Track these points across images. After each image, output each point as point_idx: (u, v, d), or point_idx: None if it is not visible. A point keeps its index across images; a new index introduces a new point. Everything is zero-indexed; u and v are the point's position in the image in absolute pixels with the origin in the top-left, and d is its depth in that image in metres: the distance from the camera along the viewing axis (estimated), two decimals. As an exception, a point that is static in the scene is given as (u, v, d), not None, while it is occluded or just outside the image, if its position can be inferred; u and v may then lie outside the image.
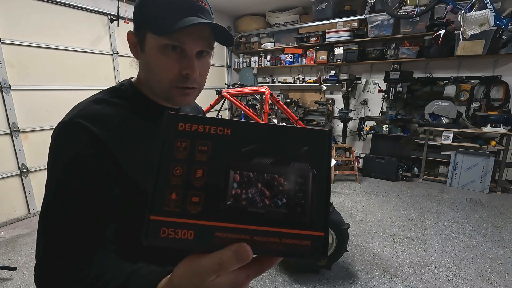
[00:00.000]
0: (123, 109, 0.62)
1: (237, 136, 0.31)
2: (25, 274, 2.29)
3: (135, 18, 0.62)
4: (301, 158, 0.32)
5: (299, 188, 0.31)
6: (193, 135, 0.31)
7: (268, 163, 0.32)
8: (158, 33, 0.57)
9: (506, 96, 3.90)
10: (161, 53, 0.58)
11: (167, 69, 0.59)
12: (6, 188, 3.07)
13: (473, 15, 2.49)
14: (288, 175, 0.31)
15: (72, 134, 0.56)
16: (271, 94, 2.59)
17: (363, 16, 4.46)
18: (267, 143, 0.32)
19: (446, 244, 2.64)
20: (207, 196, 0.30)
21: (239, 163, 0.31)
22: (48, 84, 3.26)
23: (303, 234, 0.31)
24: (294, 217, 0.31)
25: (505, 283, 2.12)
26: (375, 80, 4.71)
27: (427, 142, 4.15)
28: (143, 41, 0.61)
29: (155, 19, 0.57)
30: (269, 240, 0.30)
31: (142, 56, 0.63)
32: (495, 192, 3.84)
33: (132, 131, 0.61)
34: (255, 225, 0.30)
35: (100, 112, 0.59)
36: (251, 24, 5.76)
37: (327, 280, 2.17)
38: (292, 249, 0.30)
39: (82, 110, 0.58)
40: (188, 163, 0.30)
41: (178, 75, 0.60)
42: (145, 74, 0.65)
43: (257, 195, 0.31)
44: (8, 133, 3.00)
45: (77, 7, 3.42)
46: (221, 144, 0.31)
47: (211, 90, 5.59)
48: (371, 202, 3.64)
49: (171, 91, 0.62)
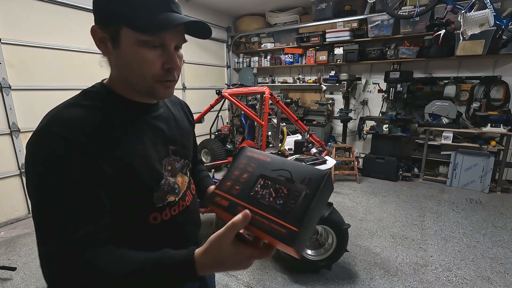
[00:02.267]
0: (97, 110, 0.60)
1: (272, 163, 0.59)
2: (25, 274, 2.29)
3: (100, 10, 0.58)
4: (303, 182, 0.53)
5: (293, 197, 0.51)
6: (250, 158, 0.61)
7: (281, 179, 0.55)
8: (139, 30, 0.55)
9: (506, 96, 3.90)
10: (140, 48, 0.56)
11: (150, 65, 0.58)
12: (6, 188, 3.07)
13: (473, 15, 2.49)
14: (290, 189, 0.53)
15: (47, 143, 0.54)
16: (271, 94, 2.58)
17: (363, 16, 4.46)
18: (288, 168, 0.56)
19: (446, 244, 2.64)
20: (243, 188, 0.56)
21: (265, 175, 0.57)
22: (48, 84, 3.26)
23: (283, 224, 0.48)
24: (283, 212, 0.50)
25: (505, 283, 2.12)
26: (375, 80, 4.71)
27: (427, 142, 4.15)
28: (117, 37, 0.57)
29: (130, 14, 0.54)
30: (263, 221, 0.50)
31: (116, 52, 0.59)
32: (495, 192, 3.84)
33: (109, 131, 0.59)
34: (259, 210, 0.52)
35: (73, 116, 0.57)
36: (251, 24, 5.76)
37: (327, 280, 2.17)
38: (274, 231, 0.48)
39: (54, 116, 0.57)
40: (242, 170, 0.59)
41: (160, 70, 0.59)
42: (122, 70, 0.62)
43: (268, 194, 0.54)
44: (8, 133, 3.00)
45: (77, 7, 3.42)
46: (262, 165, 0.59)
47: (211, 90, 5.60)
48: (371, 202, 3.64)
49: (154, 86, 0.61)
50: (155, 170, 0.65)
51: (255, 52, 6.01)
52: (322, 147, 3.04)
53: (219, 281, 2.18)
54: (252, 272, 2.27)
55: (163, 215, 0.67)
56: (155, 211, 0.65)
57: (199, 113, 2.79)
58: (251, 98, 5.10)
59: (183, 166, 0.75)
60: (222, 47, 6.01)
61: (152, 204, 0.65)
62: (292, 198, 0.51)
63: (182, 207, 0.72)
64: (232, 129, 5.38)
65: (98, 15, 0.59)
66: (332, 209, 2.12)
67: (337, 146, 4.58)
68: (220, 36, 5.84)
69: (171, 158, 0.71)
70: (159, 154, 0.68)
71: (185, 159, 0.76)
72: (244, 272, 2.28)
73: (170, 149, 0.71)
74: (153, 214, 0.65)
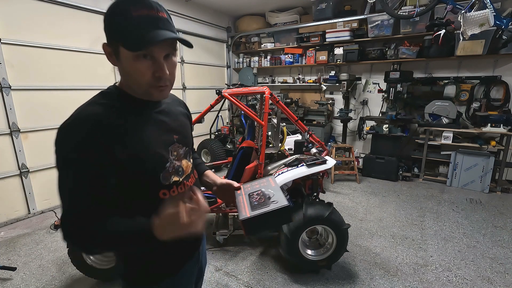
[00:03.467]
0: (111, 107, 0.75)
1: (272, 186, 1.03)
2: (25, 274, 2.29)
3: (106, 30, 0.72)
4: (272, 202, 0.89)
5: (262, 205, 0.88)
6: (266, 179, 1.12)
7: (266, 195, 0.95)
8: (130, 49, 0.68)
9: (506, 96, 3.90)
10: (134, 61, 0.70)
11: (142, 74, 0.72)
12: (6, 188, 3.07)
13: (473, 15, 2.49)
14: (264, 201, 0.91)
15: (72, 132, 0.69)
16: (271, 94, 2.58)
17: (363, 16, 4.47)
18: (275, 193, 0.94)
19: (446, 244, 2.64)
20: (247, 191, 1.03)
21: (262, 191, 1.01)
22: (48, 84, 3.26)
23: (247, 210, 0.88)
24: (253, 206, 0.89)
25: (505, 283, 2.12)
26: (375, 80, 4.71)
27: (427, 142, 4.15)
28: (117, 52, 0.71)
29: (125, 36, 0.68)
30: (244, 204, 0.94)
31: (119, 64, 0.73)
32: (495, 192, 3.84)
33: (121, 123, 0.73)
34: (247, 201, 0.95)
35: (93, 112, 0.72)
36: (251, 24, 5.76)
37: (327, 280, 2.17)
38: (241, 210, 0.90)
39: (79, 112, 0.72)
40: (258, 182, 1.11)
41: (152, 78, 0.73)
42: (125, 78, 0.77)
43: (256, 197, 0.95)
44: (8, 133, 3.00)
45: (77, 7, 3.42)
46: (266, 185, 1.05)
47: (211, 90, 5.60)
48: (371, 202, 3.64)
49: (149, 90, 0.75)
50: (159, 155, 0.80)
51: (255, 52, 6.01)
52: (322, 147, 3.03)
53: (219, 281, 2.18)
54: (252, 272, 2.27)
55: (171, 192, 0.82)
56: (164, 188, 0.81)
57: (199, 113, 2.79)
58: (251, 98, 5.10)
59: (186, 152, 0.90)
60: (222, 47, 6.01)
61: (160, 183, 0.80)
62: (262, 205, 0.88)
63: (186, 187, 0.87)
64: (232, 129, 5.38)
65: (106, 34, 0.72)
66: (332, 209, 2.12)
67: (337, 146, 4.58)
68: (220, 36, 5.84)
69: (175, 145, 0.85)
70: (165, 142, 0.83)
71: (187, 147, 0.91)
72: (244, 272, 2.28)
73: (175, 138, 0.86)
74: (162, 190, 0.81)
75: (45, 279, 2.23)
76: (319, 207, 2.13)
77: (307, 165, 2.19)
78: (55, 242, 2.75)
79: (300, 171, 2.16)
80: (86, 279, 2.17)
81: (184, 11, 4.84)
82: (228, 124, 5.88)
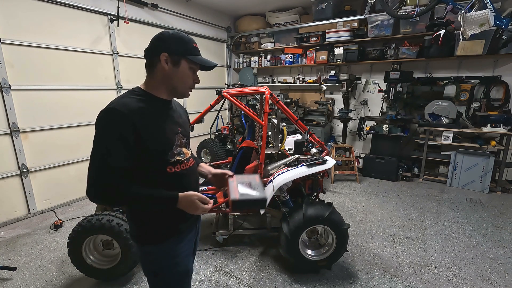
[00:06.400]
0: (139, 100, 1.03)
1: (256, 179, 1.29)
2: (25, 274, 2.29)
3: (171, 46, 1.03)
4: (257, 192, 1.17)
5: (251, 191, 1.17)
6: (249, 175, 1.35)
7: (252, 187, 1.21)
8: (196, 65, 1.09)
9: (506, 96, 3.90)
10: (188, 72, 1.08)
11: (189, 80, 1.10)
12: (6, 188, 3.07)
13: (473, 15, 2.49)
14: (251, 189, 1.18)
15: (111, 114, 0.95)
16: (271, 94, 2.58)
17: (363, 16, 4.47)
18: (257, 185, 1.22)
19: (446, 244, 2.64)
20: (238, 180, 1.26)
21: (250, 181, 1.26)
22: (48, 84, 3.26)
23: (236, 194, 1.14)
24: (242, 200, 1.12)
25: (505, 283, 2.12)
26: (375, 80, 4.71)
27: (427, 142, 4.15)
28: (178, 63, 1.04)
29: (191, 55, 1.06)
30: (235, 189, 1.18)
31: (173, 70, 1.05)
32: (495, 192, 3.85)
33: (147, 113, 1.01)
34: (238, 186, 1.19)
35: (127, 102, 0.99)
36: (251, 24, 5.76)
37: (327, 280, 2.17)
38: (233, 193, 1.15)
39: (116, 102, 0.98)
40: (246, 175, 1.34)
41: (192, 82, 1.11)
42: (171, 81, 1.07)
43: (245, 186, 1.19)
44: (8, 133, 3.00)
45: (77, 7, 3.42)
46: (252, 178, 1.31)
47: (211, 90, 5.60)
48: (371, 202, 3.64)
49: (186, 91, 1.12)
50: (169, 139, 1.08)
51: (255, 52, 6.01)
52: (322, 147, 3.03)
53: (219, 281, 2.18)
54: (252, 272, 2.27)
55: (175, 168, 1.09)
56: (170, 165, 1.08)
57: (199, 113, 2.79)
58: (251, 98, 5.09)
59: (186, 142, 1.19)
60: (222, 47, 6.01)
61: (167, 159, 1.07)
62: (248, 192, 1.15)
63: (186, 166, 1.14)
64: (232, 129, 5.37)
65: (168, 48, 1.03)
66: (332, 209, 2.12)
67: (337, 146, 4.58)
68: (220, 36, 5.84)
69: (179, 135, 1.13)
70: (173, 131, 1.10)
71: (187, 139, 1.21)
72: (244, 272, 2.28)
73: (179, 130, 1.14)
74: (168, 166, 1.07)
75: (45, 279, 2.23)
76: (319, 207, 2.13)
77: (307, 165, 2.19)
78: (55, 242, 2.75)
79: (300, 171, 2.16)
80: (86, 279, 2.17)
81: (184, 11, 4.84)
82: (228, 124, 5.88)
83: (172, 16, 4.67)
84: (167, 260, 1.10)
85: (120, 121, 0.94)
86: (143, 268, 1.16)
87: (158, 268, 1.11)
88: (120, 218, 2.05)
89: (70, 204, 3.64)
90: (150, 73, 1.08)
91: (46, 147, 3.34)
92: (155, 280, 1.14)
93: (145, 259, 1.13)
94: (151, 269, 1.12)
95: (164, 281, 1.14)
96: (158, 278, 1.13)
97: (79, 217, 3.21)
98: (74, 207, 3.56)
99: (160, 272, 1.11)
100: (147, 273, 1.15)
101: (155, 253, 1.09)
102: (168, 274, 1.13)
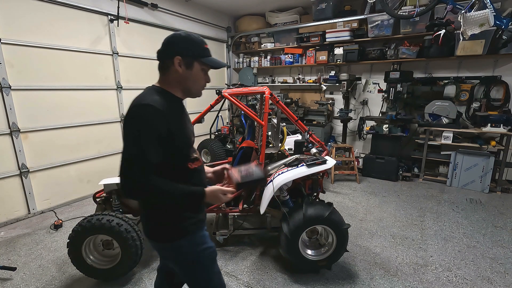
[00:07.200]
0: (164, 98, 1.06)
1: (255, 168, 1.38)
2: (25, 274, 2.29)
3: (183, 49, 1.07)
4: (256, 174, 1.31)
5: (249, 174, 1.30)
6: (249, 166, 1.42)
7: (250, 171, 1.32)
8: (208, 66, 1.13)
9: (506, 96, 3.90)
10: (201, 73, 1.13)
11: (202, 80, 1.15)
12: (6, 188, 3.07)
13: (473, 15, 2.49)
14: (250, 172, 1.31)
15: (148, 112, 0.98)
16: (271, 94, 2.58)
17: (363, 16, 4.47)
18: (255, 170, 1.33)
19: (446, 244, 2.64)
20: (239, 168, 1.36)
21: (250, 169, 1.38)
22: (48, 84, 3.26)
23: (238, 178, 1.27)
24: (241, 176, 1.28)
25: (505, 283, 2.12)
26: (375, 80, 4.71)
27: (427, 142, 4.15)
28: (191, 64, 1.08)
29: (201, 56, 1.10)
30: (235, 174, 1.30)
31: (186, 72, 1.09)
32: (495, 192, 3.85)
33: (172, 111, 1.07)
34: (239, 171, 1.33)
35: (157, 99, 1.02)
36: (251, 24, 5.76)
37: (327, 280, 2.17)
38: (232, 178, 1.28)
39: (149, 99, 1.01)
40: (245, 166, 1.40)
41: (204, 83, 1.17)
42: (185, 82, 1.11)
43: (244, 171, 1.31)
44: (8, 133, 3.00)
45: (77, 7, 3.42)
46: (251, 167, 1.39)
47: (211, 90, 5.59)
48: (371, 202, 3.64)
49: (199, 92, 1.18)
50: (190, 136, 1.17)
51: (255, 52, 6.01)
52: (322, 147, 3.03)
53: (219, 281, 2.18)
54: (252, 272, 2.27)
55: (194, 165, 1.16)
56: (190, 161, 1.15)
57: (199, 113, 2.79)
58: (251, 98, 5.10)
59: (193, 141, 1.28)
60: (222, 47, 6.01)
61: (188, 156, 1.15)
62: (248, 175, 1.27)
63: (199, 163, 1.22)
64: (232, 129, 5.37)
65: (180, 52, 1.06)
66: (332, 209, 2.12)
67: (337, 146, 4.58)
68: (220, 36, 5.84)
69: (193, 134, 1.21)
70: (190, 129, 1.19)
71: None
72: (244, 272, 2.28)
73: (191, 128, 1.22)
74: (189, 162, 1.15)
75: (45, 279, 2.23)
76: (319, 207, 2.13)
77: (307, 165, 2.19)
78: (55, 242, 2.75)
79: (300, 171, 2.16)
80: (86, 279, 2.17)
81: (184, 11, 4.84)
82: (228, 124, 5.88)
83: (172, 16, 4.67)
84: (198, 247, 1.19)
85: (157, 117, 0.98)
86: (175, 263, 1.22)
87: (193, 257, 1.19)
88: (120, 218, 2.05)
89: (70, 204, 3.64)
90: (164, 74, 1.11)
91: (46, 147, 3.34)
92: (193, 268, 1.21)
93: (178, 254, 1.18)
94: (187, 260, 1.19)
95: (202, 265, 1.22)
96: (195, 265, 1.20)
97: (79, 217, 3.21)
98: (74, 207, 3.56)
99: (196, 259, 1.19)
100: (182, 266, 1.21)
101: (186, 245, 1.16)
102: (202, 259, 1.21)
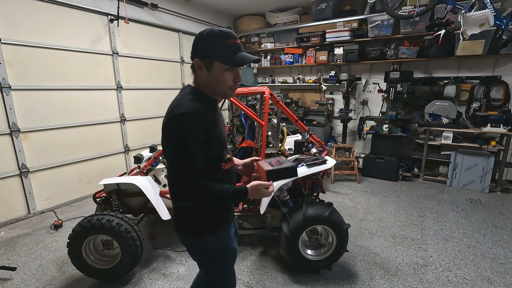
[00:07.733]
0: (200, 101, 1.05)
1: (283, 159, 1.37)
2: (25, 274, 2.29)
3: (201, 50, 1.03)
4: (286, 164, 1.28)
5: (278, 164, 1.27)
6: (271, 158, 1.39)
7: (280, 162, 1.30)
8: (229, 65, 1.03)
9: (506, 96, 3.90)
10: (224, 72, 1.04)
11: (227, 81, 1.06)
12: (6, 188, 3.07)
13: (473, 15, 2.49)
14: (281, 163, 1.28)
15: (188, 121, 0.98)
16: (271, 94, 2.58)
17: (363, 16, 4.47)
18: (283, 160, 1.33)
19: (446, 244, 2.64)
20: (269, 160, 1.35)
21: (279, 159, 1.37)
22: (48, 84, 3.26)
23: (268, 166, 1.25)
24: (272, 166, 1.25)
25: (505, 283, 2.12)
26: (375, 80, 4.71)
27: (427, 142, 4.15)
28: (211, 65, 1.03)
29: (222, 56, 1.01)
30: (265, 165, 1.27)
31: (208, 73, 1.05)
32: (495, 192, 3.85)
33: (208, 114, 1.07)
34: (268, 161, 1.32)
35: (195, 105, 1.02)
36: (251, 24, 5.76)
37: (327, 280, 2.17)
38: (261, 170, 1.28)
39: (187, 106, 1.00)
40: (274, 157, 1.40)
41: (232, 82, 1.08)
42: (209, 82, 1.07)
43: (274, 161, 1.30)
44: (8, 133, 3.00)
45: (77, 7, 3.42)
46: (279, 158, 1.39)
47: (211, 90, 5.60)
48: (371, 202, 3.64)
49: (227, 91, 1.10)
50: (225, 137, 1.17)
51: (255, 52, 6.01)
52: (322, 147, 3.03)
53: (219, 281, 2.18)
54: (252, 272, 2.27)
55: (226, 165, 1.18)
56: (223, 162, 1.16)
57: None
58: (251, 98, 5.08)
59: None
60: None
61: (223, 157, 1.16)
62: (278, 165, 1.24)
63: (231, 164, 1.24)
64: (232, 129, 5.35)
65: (199, 53, 1.04)
66: (332, 209, 2.12)
67: (337, 146, 4.58)
68: (220, 36, 5.83)
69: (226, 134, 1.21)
70: (224, 129, 1.19)
71: None
72: (244, 272, 2.28)
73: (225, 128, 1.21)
74: (223, 163, 1.16)
75: (45, 279, 2.23)
76: (319, 207, 2.13)
77: (307, 165, 2.19)
78: (55, 242, 2.75)
79: (300, 171, 2.16)
80: (86, 279, 2.17)
81: (184, 11, 4.84)
82: (228, 124, 5.87)
83: (172, 16, 4.67)
84: (224, 245, 1.23)
85: (196, 126, 0.99)
86: (199, 258, 1.26)
87: (217, 253, 1.22)
88: (120, 218, 2.05)
89: (70, 204, 3.64)
90: (194, 75, 1.11)
91: (46, 147, 3.34)
92: (213, 264, 1.24)
93: (204, 249, 1.21)
94: (211, 255, 1.22)
95: (222, 262, 1.26)
96: (216, 261, 1.24)
97: (79, 217, 3.21)
98: (74, 207, 3.56)
99: (219, 256, 1.23)
100: (204, 259, 1.25)
101: (213, 241, 1.19)
102: (225, 256, 1.25)
